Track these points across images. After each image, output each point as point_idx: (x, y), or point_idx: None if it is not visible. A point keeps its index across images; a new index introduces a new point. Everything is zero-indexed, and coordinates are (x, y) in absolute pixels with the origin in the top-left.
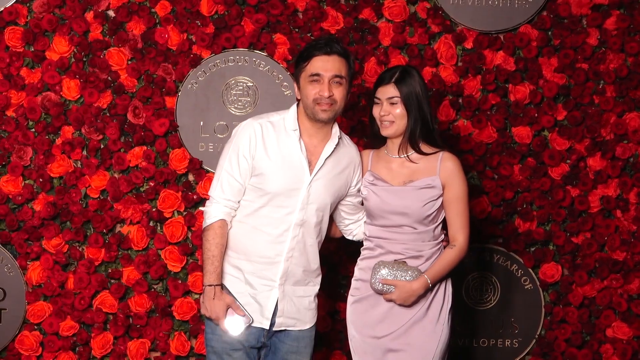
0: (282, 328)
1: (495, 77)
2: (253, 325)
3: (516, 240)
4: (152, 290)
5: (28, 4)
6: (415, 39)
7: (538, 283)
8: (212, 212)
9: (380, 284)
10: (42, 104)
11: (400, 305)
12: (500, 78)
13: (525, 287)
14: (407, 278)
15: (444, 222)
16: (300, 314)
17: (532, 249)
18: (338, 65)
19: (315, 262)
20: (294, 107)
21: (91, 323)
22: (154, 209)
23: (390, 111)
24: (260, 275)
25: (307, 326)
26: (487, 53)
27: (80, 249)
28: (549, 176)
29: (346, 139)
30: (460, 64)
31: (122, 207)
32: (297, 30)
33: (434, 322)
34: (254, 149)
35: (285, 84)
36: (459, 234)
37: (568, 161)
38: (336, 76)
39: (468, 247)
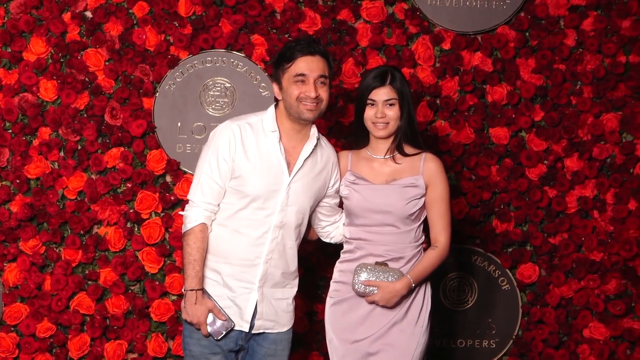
0: (261, 331)
1: (472, 78)
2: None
3: (493, 241)
4: (130, 291)
5: (5, 5)
6: (393, 39)
7: (515, 284)
8: (192, 216)
9: (363, 286)
10: (19, 105)
11: (382, 306)
12: (478, 79)
13: (503, 288)
14: (390, 279)
15: (425, 224)
16: (278, 316)
17: (510, 250)
18: (322, 65)
19: (293, 264)
20: (272, 108)
21: (68, 325)
22: (131, 210)
23: (386, 113)
24: (239, 278)
25: (285, 328)
26: (465, 54)
27: (57, 251)
28: (526, 177)
29: (324, 140)
30: (437, 64)
31: (100, 208)
32: (275, 31)
33: (413, 324)
34: (234, 151)
35: (263, 84)
36: (441, 235)
37: (545, 162)
38: (321, 76)
39: (450, 248)
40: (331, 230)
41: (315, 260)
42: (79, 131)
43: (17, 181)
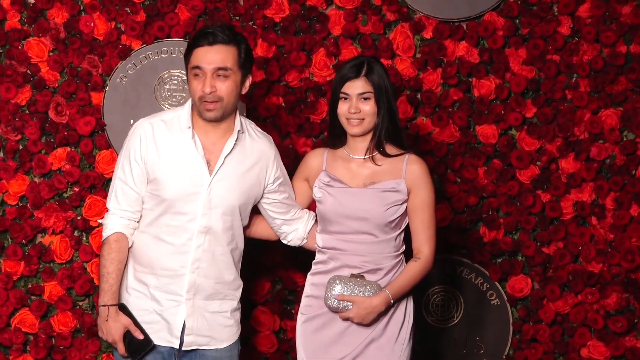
0: (194, 347)
1: (457, 70)
2: (161, 344)
3: (481, 250)
4: (77, 307)
5: None
6: (368, 27)
7: (505, 298)
8: (107, 225)
9: (336, 301)
10: None
11: (358, 324)
12: (463, 71)
13: (492, 303)
14: (366, 294)
15: (406, 233)
16: (214, 331)
17: (499, 260)
18: (222, 55)
19: (230, 272)
20: (189, 102)
21: (9, 344)
22: (79, 217)
23: (361, 108)
24: (166, 290)
25: (224, 345)
26: (448, 43)
27: None
28: (517, 180)
29: (254, 131)
30: (418, 55)
31: (44, 215)
32: (237, 18)
33: (392, 341)
34: (145, 152)
35: None
36: (425, 245)
37: (538, 163)
38: (219, 69)
39: (434, 260)
40: (288, 230)
41: (284, 272)
42: (20, 129)
43: None
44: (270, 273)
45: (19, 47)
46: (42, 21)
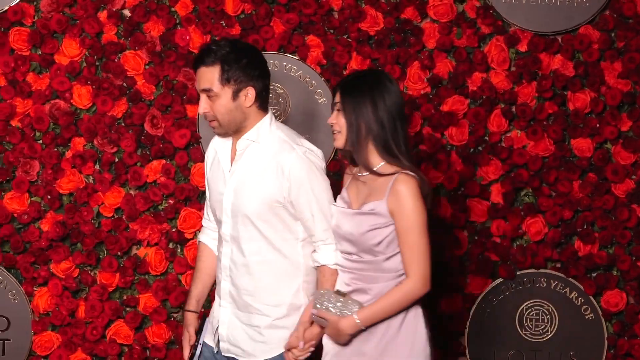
0: (230, 355)
1: (552, 83)
2: (208, 343)
3: (576, 264)
4: (172, 319)
5: (35, 3)
6: (463, 41)
7: (600, 312)
8: (198, 236)
9: (315, 316)
10: (50, 113)
11: (335, 342)
12: (558, 84)
13: (586, 317)
14: (341, 313)
15: None
16: (246, 344)
17: (594, 275)
18: (205, 77)
19: (262, 287)
20: None
21: (104, 356)
22: (173, 230)
23: (337, 120)
24: (217, 294)
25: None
26: (543, 57)
27: (92, 274)
28: (612, 194)
29: (279, 142)
30: (513, 68)
31: (139, 227)
32: (332, 31)
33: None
34: (206, 163)
35: (319, 91)
36: (409, 269)
37: (633, 177)
38: (204, 90)
39: (425, 285)
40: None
41: None
42: (116, 142)
43: (48, 197)
44: None
45: (115, 60)
46: (138, 34)
